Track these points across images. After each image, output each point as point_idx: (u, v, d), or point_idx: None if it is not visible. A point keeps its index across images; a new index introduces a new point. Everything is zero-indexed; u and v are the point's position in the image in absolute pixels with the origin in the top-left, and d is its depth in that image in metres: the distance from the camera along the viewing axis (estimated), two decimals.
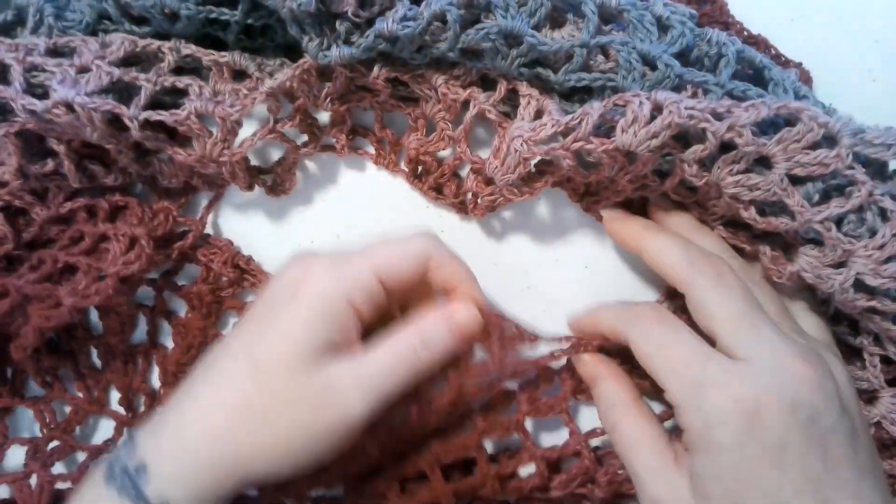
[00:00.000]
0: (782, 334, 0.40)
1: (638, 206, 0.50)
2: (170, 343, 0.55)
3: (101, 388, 0.55)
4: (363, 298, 0.41)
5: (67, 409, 0.55)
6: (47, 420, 0.54)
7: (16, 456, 0.55)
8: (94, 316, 0.54)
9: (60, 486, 0.52)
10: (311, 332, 0.40)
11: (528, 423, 0.49)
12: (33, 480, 0.52)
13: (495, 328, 0.44)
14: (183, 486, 0.40)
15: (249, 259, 0.53)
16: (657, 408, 0.46)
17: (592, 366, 0.46)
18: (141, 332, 0.55)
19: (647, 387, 0.46)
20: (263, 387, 0.40)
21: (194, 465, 0.40)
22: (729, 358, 0.39)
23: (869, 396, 0.46)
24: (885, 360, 0.46)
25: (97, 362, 0.55)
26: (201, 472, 0.40)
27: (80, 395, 0.54)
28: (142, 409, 0.55)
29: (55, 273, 0.49)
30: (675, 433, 0.42)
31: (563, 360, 0.49)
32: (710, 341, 0.41)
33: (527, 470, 0.48)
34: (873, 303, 0.40)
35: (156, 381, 0.55)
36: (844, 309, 0.44)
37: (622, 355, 0.46)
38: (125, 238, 0.49)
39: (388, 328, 0.43)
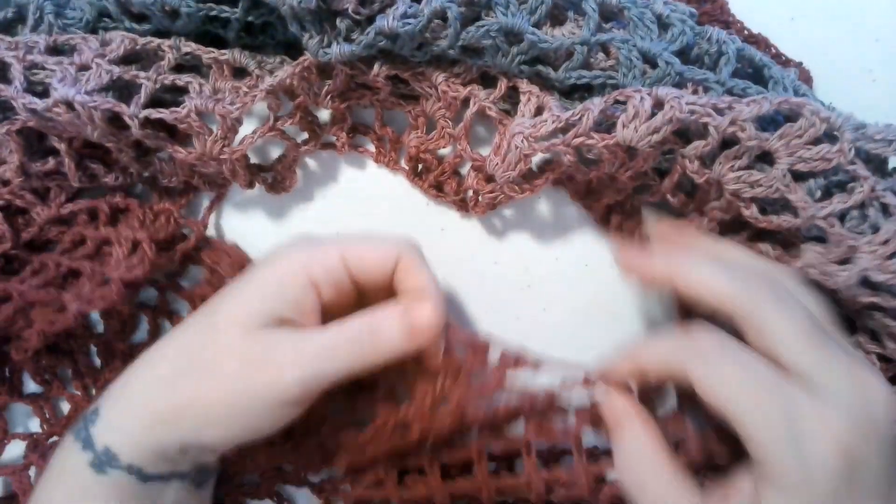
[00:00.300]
0: (843, 347, 0.37)
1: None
2: None
3: (99, 387, 0.54)
4: (324, 278, 0.41)
5: (66, 406, 0.55)
6: (47, 416, 0.54)
7: (14, 451, 0.55)
8: (94, 315, 0.54)
9: None
10: (266, 295, 0.41)
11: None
12: (32, 472, 0.52)
13: (472, 346, 0.44)
14: (122, 433, 0.40)
15: None
16: None
17: (622, 407, 0.41)
18: (142, 332, 0.55)
19: None
20: (209, 340, 0.41)
21: (132, 411, 0.41)
22: (807, 386, 0.35)
23: None
24: (883, 359, 0.45)
25: (97, 361, 0.55)
26: (139, 420, 0.40)
27: (79, 393, 0.54)
28: None
29: (58, 277, 0.49)
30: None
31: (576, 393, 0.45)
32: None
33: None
34: (876, 299, 0.40)
35: None
36: (846, 305, 0.43)
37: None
38: (127, 242, 0.49)
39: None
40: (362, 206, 0.54)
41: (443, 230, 0.53)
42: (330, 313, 0.43)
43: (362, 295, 0.44)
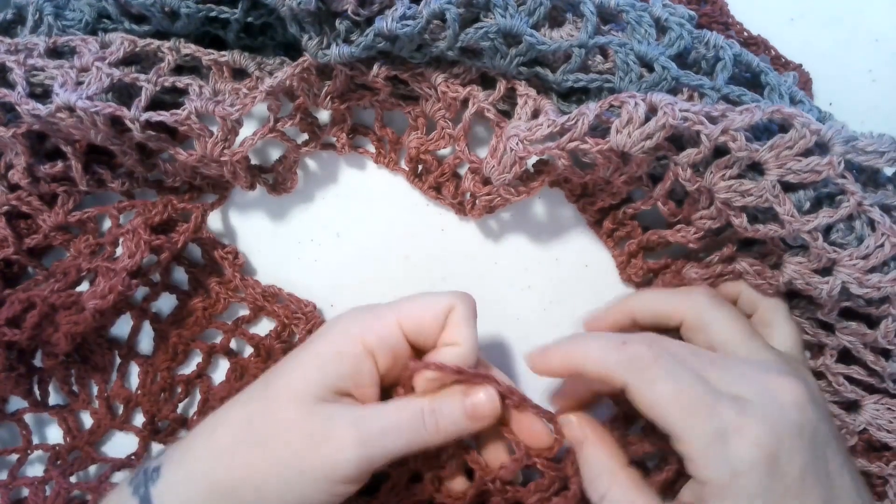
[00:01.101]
0: (755, 363, 0.41)
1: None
2: (218, 377, 0.56)
3: (130, 408, 0.56)
4: (381, 345, 0.41)
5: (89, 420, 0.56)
6: (70, 428, 0.55)
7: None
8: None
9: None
10: (324, 367, 0.41)
11: None
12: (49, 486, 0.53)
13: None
14: (178, 497, 0.40)
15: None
16: None
17: (578, 427, 0.43)
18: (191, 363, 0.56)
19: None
20: (268, 413, 0.41)
21: (192, 479, 0.40)
22: (731, 399, 0.37)
23: (850, 404, 0.47)
24: (852, 381, 0.47)
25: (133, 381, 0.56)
26: (197, 490, 0.40)
27: (102, 409, 0.55)
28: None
29: (76, 281, 0.50)
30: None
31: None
32: None
33: None
34: (849, 303, 0.41)
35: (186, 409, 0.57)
36: (826, 314, 0.44)
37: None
38: (129, 234, 0.49)
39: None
40: (363, 206, 0.54)
41: (443, 230, 0.54)
42: (388, 376, 0.43)
43: (413, 344, 0.43)
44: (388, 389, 0.44)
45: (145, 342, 0.56)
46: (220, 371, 0.56)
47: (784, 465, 0.36)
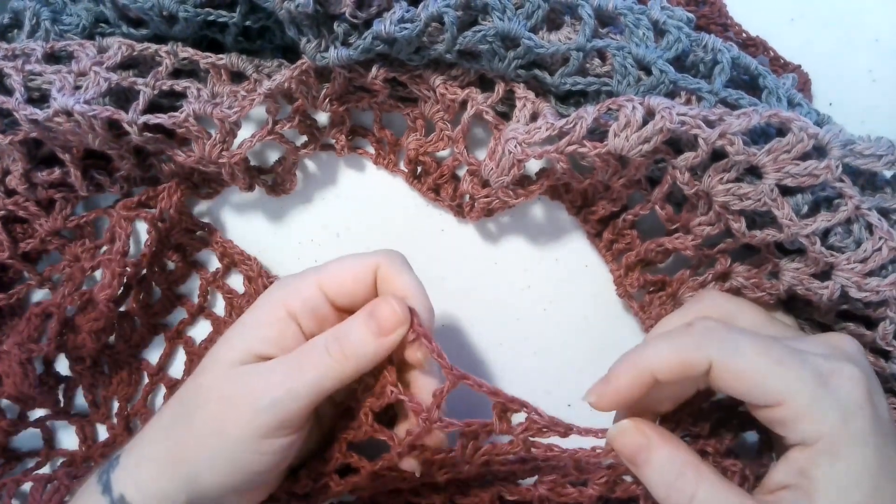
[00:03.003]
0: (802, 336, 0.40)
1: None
2: None
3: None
4: (302, 308, 0.41)
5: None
6: (86, 437, 0.56)
7: None
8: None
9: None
10: (245, 333, 0.41)
11: None
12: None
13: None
14: (135, 483, 0.40)
15: None
16: None
17: (637, 433, 0.38)
18: None
19: None
20: (194, 386, 0.41)
21: (141, 460, 0.41)
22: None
23: None
24: None
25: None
26: (146, 470, 0.40)
27: (120, 425, 0.56)
28: None
29: (83, 283, 0.51)
30: None
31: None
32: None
33: None
34: (846, 305, 0.42)
35: None
36: (823, 316, 0.44)
37: None
38: (112, 217, 0.50)
39: None
40: (362, 207, 0.54)
41: (443, 231, 0.54)
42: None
43: (337, 305, 0.42)
44: None
45: (177, 366, 0.57)
46: None
47: (878, 405, 0.35)
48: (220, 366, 0.41)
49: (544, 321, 0.53)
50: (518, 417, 0.40)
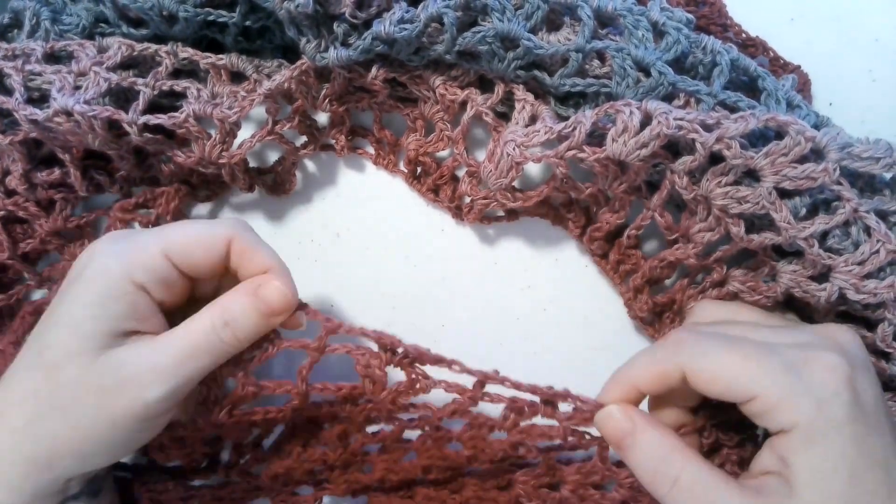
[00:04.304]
0: (799, 327, 0.40)
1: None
2: None
3: None
4: (150, 278, 0.39)
5: None
6: None
7: None
8: None
9: None
10: (95, 315, 0.38)
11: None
12: None
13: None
14: (6, 488, 0.38)
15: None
16: None
17: (623, 417, 0.38)
18: None
19: None
20: (52, 378, 0.38)
21: (2, 463, 0.39)
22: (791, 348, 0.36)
23: None
24: None
25: None
26: (9, 472, 0.38)
27: None
28: None
29: None
30: None
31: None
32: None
33: None
34: (845, 307, 0.42)
35: None
36: (822, 317, 0.44)
37: None
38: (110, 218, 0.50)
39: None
40: (362, 207, 0.54)
41: (443, 230, 0.54)
42: (172, 305, 0.42)
43: (187, 274, 0.41)
44: (175, 310, 0.42)
45: None
46: None
47: (861, 394, 0.35)
48: (81, 357, 0.38)
49: (544, 321, 0.53)
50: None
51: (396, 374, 0.43)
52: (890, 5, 0.53)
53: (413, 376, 0.42)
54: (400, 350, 0.42)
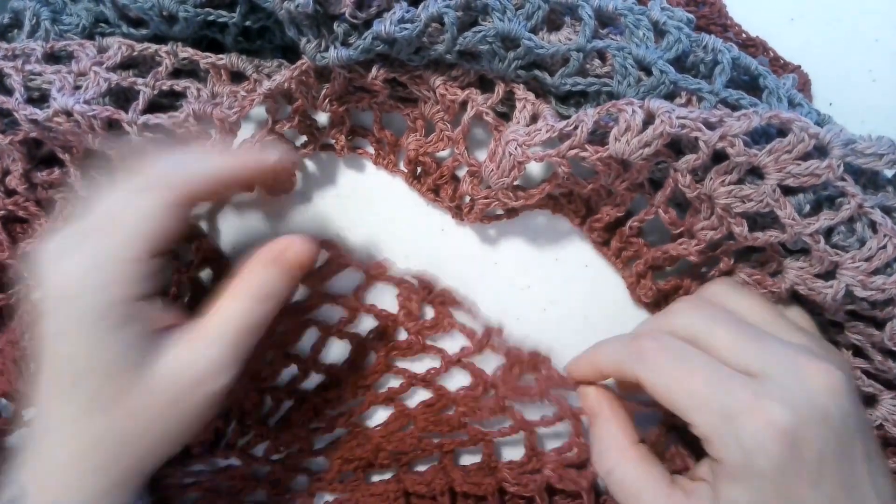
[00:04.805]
0: (786, 343, 0.39)
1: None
2: None
3: None
4: (130, 285, 0.38)
5: None
6: None
7: None
8: None
9: None
10: (114, 355, 0.38)
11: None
12: None
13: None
14: (59, 494, 0.38)
15: None
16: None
17: (595, 400, 0.44)
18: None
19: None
20: (116, 421, 0.38)
21: (55, 468, 0.39)
22: (749, 380, 0.37)
23: (867, 399, 0.46)
24: (869, 375, 0.46)
25: None
26: (66, 473, 0.39)
27: None
28: None
29: None
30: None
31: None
32: None
33: None
34: (855, 306, 0.41)
35: None
36: (832, 315, 0.44)
37: None
38: None
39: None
40: (362, 207, 0.54)
41: (443, 231, 0.54)
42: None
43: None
44: None
45: None
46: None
47: (803, 448, 0.35)
48: (117, 383, 0.38)
49: (544, 321, 0.53)
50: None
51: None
52: (890, 5, 0.53)
53: (440, 314, 0.50)
54: (436, 289, 0.50)
